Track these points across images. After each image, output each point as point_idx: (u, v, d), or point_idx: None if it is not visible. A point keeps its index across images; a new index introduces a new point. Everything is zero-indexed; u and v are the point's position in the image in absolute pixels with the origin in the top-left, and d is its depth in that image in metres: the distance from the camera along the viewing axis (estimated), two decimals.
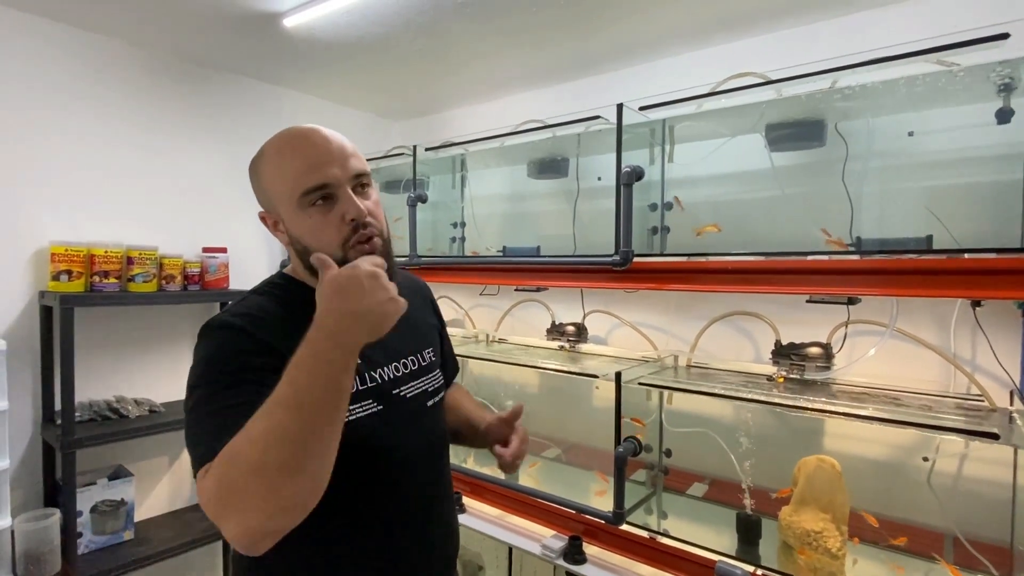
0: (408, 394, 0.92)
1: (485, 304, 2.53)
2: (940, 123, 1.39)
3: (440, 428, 1.02)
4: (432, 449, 0.97)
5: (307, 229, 0.81)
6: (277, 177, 0.82)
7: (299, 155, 0.81)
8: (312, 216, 0.81)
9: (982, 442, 1.16)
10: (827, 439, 1.61)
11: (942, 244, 1.29)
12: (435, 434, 0.99)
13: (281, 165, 0.82)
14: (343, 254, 0.80)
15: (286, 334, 0.74)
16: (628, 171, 1.51)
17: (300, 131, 0.83)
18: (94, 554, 1.83)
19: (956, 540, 1.37)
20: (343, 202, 0.81)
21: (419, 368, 0.97)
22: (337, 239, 0.81)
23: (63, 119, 1.95)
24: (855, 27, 1.72)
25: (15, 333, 1.83)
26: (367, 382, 0.86)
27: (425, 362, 0.99)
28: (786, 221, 1.61)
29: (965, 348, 1.50)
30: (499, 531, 1.73)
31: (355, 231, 0.81)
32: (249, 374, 0.74)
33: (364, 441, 0.83)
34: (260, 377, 0.72)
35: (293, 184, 0.80)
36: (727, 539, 1.50)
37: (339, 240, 0.81)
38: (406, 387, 0.92)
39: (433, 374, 1.01)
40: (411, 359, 0.96)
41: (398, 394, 0.90)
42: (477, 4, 1.72)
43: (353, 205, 0.80)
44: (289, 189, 0.81)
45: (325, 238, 0.81)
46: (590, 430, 2.06)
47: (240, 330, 0.78)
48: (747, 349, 1.83)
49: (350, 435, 0.77)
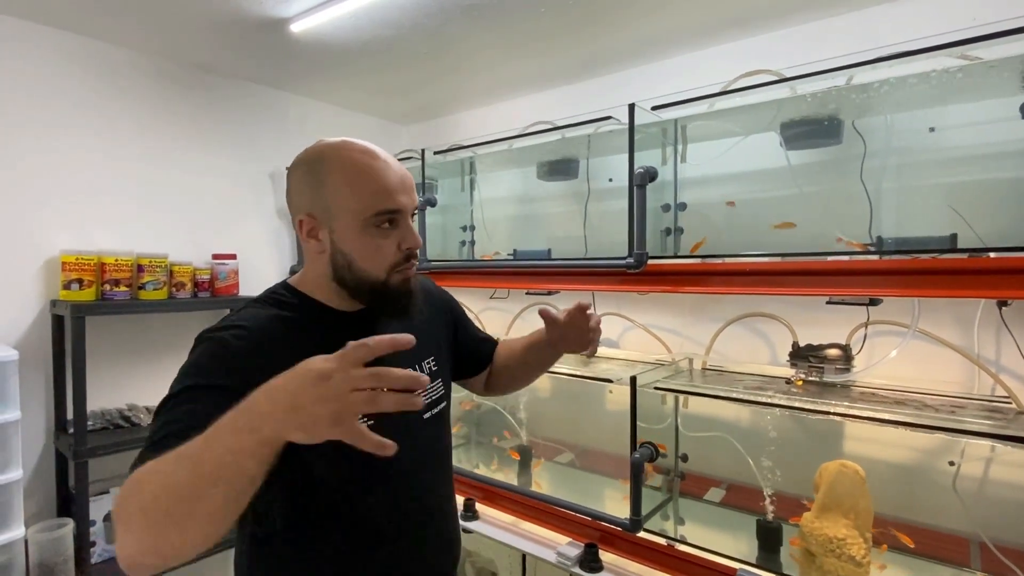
0: None
1: (495, 308, 2.51)
2: (962, 118, 1.36)
3: (439, 440, 1.00)
4: (427, 462, 0.95)
5: (362, 247, 0.84)
6: (349, 191, 0.83)
7: (380, 177, 0.83)
8: (374, 237, 0.84)
9: (1012, 446, 1.13)
10: (848, 443, 1.57)
11: (966, 242, 1.26)
12: (431, 447, 0.98)
13: (356, 181, 0.83)
14: (386, 277, 0.85)
15: (284, 348, 0.74)
16: (641, 172, 1.49)
17: (374, 152, 0.86)
18: (108, 563, 1.83)
19: (983, 546, 1.34)
20: (404, 230, 0.86)
21: None
22: (389, 263, 0.85)
23: (72, 128, 1.95)
24: (869, 22, 1.69)
25: (27, 343, 1.84)
26: None
27: (424, 373, 0.98)
28: (803, 220, 1.58)
29: (989, 348, 1.46)
30: (513, 538, 1.71)
31: (407, 260, 0.87)
32: (215, 394, 0.72)
33: (359, 455, 0.81)
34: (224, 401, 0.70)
35: (368, 202, 0.82)
36: (746, 546, 1.47)
37: (390, 264, 0.85)
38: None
39: (432, 385, 0.99)
40: (408, 370, 0.93)
41: None
42: (485, 6, 1.70)
43: (413, 236, 0.87)
44: (362, 206, 0.82)
45: (379, 259, 0.84)
46: (604, 435, 2.04)
47: (226, 345, 0.77)
48: (763, 351, 1.80)
49: (344, 449, 0.77)
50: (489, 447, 2.27)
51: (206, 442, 0.59)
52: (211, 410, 0.68)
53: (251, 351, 0.77)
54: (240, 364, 0.75)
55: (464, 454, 2.30)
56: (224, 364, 0.76)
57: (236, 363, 0.75)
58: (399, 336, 0.61)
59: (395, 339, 0.60)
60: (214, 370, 0.75)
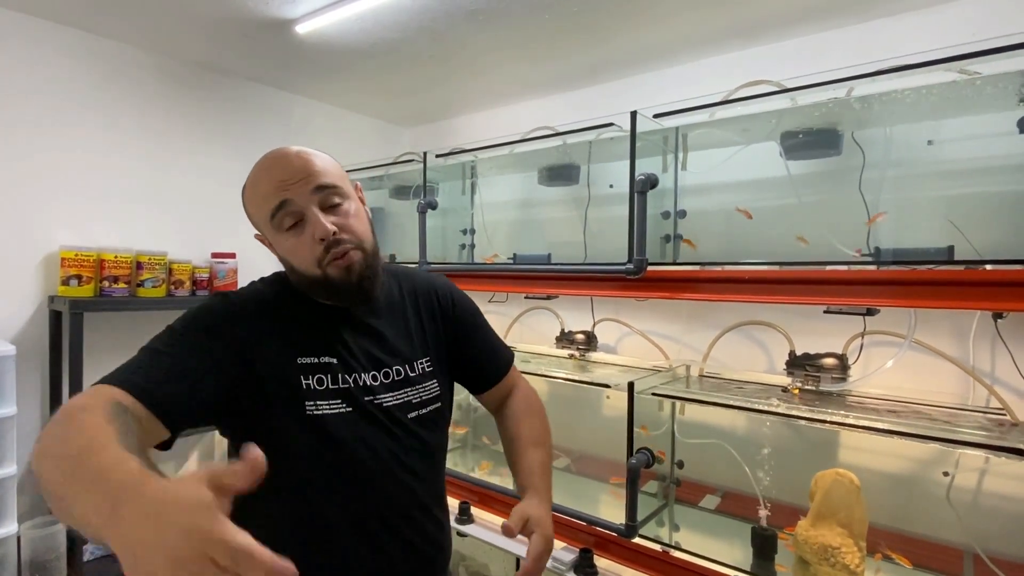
0: (385, 403, 0.90)
1: (494, 311, 2.51)
2: (960, 132, 1.37)
3: (426, 442, 0.95)
4: (408, 464, 0.91)
5: (286, 251, 0.86)
6: (252, 203, 0.87)
7: (265, 180, 0.84)
8: (288, 239, 0.85)
9: (1007, 457, 1.14)
10: (843, 452, 1.58)
11: (963, 254, 1.27)
12: (416, 448, 0.93)
13: (254, 190, 0.86)
14: (321, 272, 0.84)
15: (276, 315, 0.85)
16: (642, 179, 1.50)
17: (270, 156, 0.87)
18: (99, 561, 1.82)
19: (976, 557, 1.34)
20: (311, 223, 0.83)
21: (404, 379, 0.93)
22: (312, 258, 0.84)
23: (73, 124, 1.95)
24: (869, 35, 1.71)
25: (24, 338, 1.83)
26: (338, 383, 0.86)
27: (415, 372, 0.95)
28: (802, 230, 1.59)
29: (984, 360, 1.47)
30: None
31: (328, 249, 0.83)
32: (201, 337, 0.79)
33: (328, 438, 0.83)
34: (207, 347, 0.78)
35: (263, 209, 0.84)
36: (741, 553, 1.47)
37: (313, 259, 0.84)
38: (383, 396, 0.90)
39: (424, 385, 0.96)
40: (396, 369, 0.93)
41: (371, 401, 0.88)
42: (489, 11, 1.71)
43: (319, 225, 0.82)
44: (261, 214, 0.85)
45: (302, 257, 0.84)
46: (599, 440, 2.04)
47: (231, 304, 0.84)
48: (760, 359, 1.81)
49: (316, 428, 0.82)
50: (484, 448, 2.27)
51: (95, 475, 0.52)
52: (207, 347, 0.78)
53: (250, 309, 0.84)
54: (240, 319, 0.82)
55: (459, 457, 2.30)
56: (223, 314, 0.82)
57: (234, 318, 0.82)
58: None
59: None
60: (217, 317, 0.82)
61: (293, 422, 0.81)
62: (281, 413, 0.81)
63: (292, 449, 0.82)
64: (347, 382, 0.86)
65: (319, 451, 0.82)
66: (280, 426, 0.81)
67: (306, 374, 0.84)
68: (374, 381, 0.90)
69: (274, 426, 0.81)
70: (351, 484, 0.85)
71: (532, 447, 1.01)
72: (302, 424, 0.82)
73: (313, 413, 0.82)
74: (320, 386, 0.84)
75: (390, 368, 0.92)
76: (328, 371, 0.85)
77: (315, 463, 0.83)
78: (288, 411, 0.81)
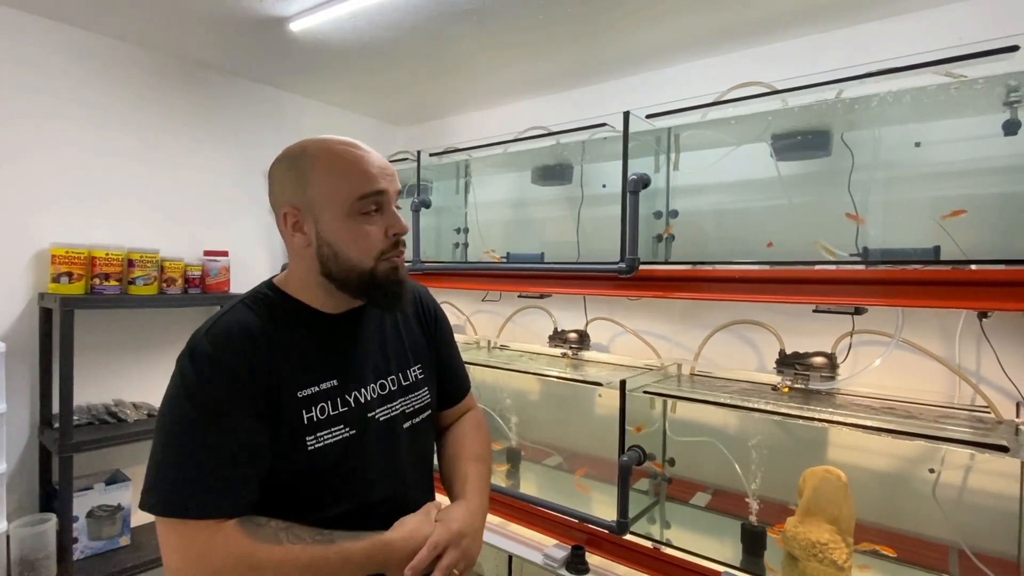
0: (381, 417, 0.90)
1: (487, 310, 2.52)
2: (947, 134, 1.40)
3: (421, 451, 0.97)
4: (405, 474, 0.93)
5: (349, 234, 0.83)
6: (333, 178, 0.83)
7: (361, 163, 0.84)
8: (359, 223, 0.83)
9: (990, 454, 1.16)
10: (831, 450, 1.60)
11: (949, 255, 1.29)
12: (412, 458, 0.95)
13: (340, 168, 0.84)
14: (374, 264, 0.85)
15: (270, 348, 0.80)
16: (635, 178, 1.51)
17: (352, 142, 0.87)
18: (90, 560, 1.81)
19: (962, 553, 1.36)
20: (389, 216, 0.86)
21: (399, 388, 0.94)
22: (376, 249, 0.85)
23: (65, 120, 1.94)
24: (860, 39, 1.73)
25: (14, 335, 1.82)
26: (339, 407, 0.85)
27: (408, 381, 0.96)
28: (791, 230, 1.61)
29: (970, 359, 1.50)
30: (500, 540, 1.71)
31: (395, 246, 0.87)
32: (222, 419, 0.75)
33: (334, 467, 0.83)
34: (231, 423, 0.75)
35: (352, 187, 0.83)
36: (731, 549, 1.49)
37: (378, 251, 0.85)
38: (379, 410, 0.91)
39: (417, 393, 0.98)
40: (391, 379, 0.94)
41: (371, 418, 0.89)
42: (484, 11, 1.72)
43: (399, 221, 0.87)
44: (346, 192, 0.82)
45: (366, 245, 0.84)
46: (592, 438, 2.05)
47: (222, 367, 0.77)
48: (751, 358, 1.82)
49: (319, 461, 0.81)
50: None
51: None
52: (231, 422, 0.76)
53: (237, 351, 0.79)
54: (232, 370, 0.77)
55: None
56: (217, 376, 0.77)
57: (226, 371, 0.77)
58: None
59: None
60: (215, 385, 0.76)
61: (294, 456, 0.80)
62: (282, 451, 0.80)
63: (292, 479, 0.81)
64: (347, 404, 0.86)
65: (319, 479, 0.82)
66: (283, 458, 0.80)
67: (307, 407, 0.82)
68: (373, 395, 0.90)
69: (275, 460, 0.80)
70: (351, 499, 0.85)
71: (473, 462, 1.02)
72: (302, 459, 0.81)
73: (314, 447, 0.81)
74: (322, 415, 0.83)
75: (386, 379, 0.93)
76: (328, 397, 0.84)
77: (314, 490, 0.83)
78: (288, 448, 0.80)
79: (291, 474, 0.80)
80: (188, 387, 0.76)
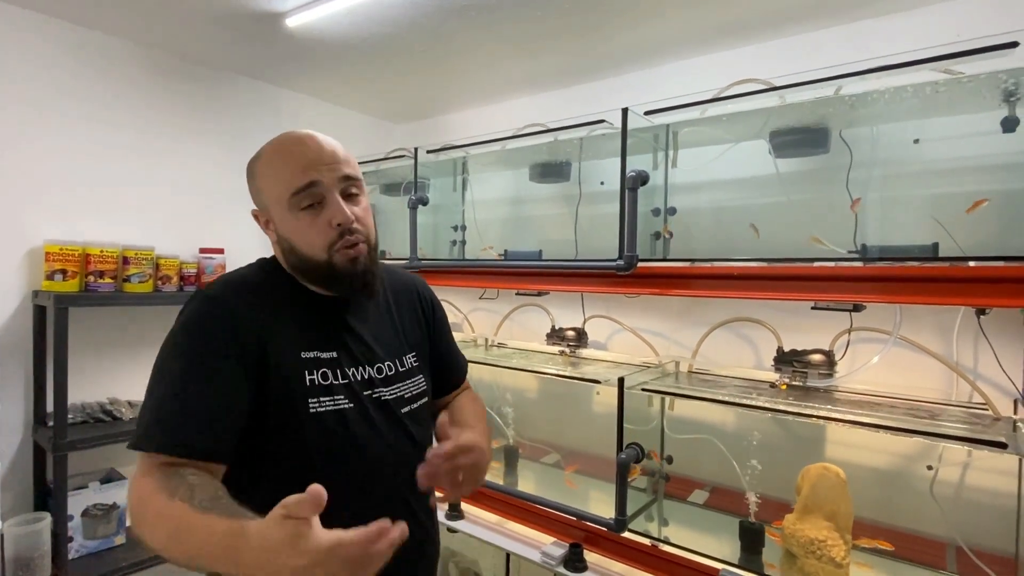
0: (383, 397, 0.91)
1: (484, 308, 2.51)
2: (945, 131, 1.39)
3: (419, 436, 0.97)
4: (404, 457, 0.91)
5: (295, 231, 0.85)
6: (271, 178, 0.86)
7: (292, 158, 0.85)
8: (301, 219, 0.84)
9: (988, 451, 1.16)
10: (829, 447, 1.60)
11: (947, 251, 1.29)
12: (411, 442, 0.94)
13: (275, 166, 0.86)
14: (328, 257, 0.85)
15: (275, 306, 0.85)
16: (633, 175, 1.50)
17: (296, 135, 0.87)
18: (85, 559, 1.80)
19: (959, 550, 1.37)
20: (330, 207, 0.84)
21: (396, 374, 0.95)
22: (323, 242, 0.84)
23: (59, 116, 1.92)
24: (859, 35, 1.73)
25: (7, 333, 1.80)
26: (340, 378, 0.86)
27: (404, 367, 0.97)
28: (790, 227, 1.61)
29: (967, 356, 1.50)
30: (497, 537, 1.71)
31: (341, 236, 0.85)
32: (213, 361, 0.78)
33: (330, 434, 0.83)
34: (224, 372, 0.77)
35: (285, 185, 0.84)
36: (729, 547, 1.49)
37: (325, 243, 0.85)
38: (381, 390, 0.91)
39: (413, 380, 0.98)
40: (388, 364, 0.94)
41: (371, 396, 0.89)
42: (480, 7, 1.71)
43: (340, 210, 0.84)
44: (281, 190, 0.84)
45: (312, 241, 0.85)
46: (590, 436, 2.05)
47: (224, 307, 0.81)
48: (749, 356, 1.82)
49: (316, 426, 0.81)
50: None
51: (199, 546, 0.64)
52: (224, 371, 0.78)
53: (242, 299, 0.83)
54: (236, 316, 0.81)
55: None
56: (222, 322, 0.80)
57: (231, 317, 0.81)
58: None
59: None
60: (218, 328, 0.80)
61: (294, 421, 0.81)
62: (283, 411, 0.80)
63: (290, 448, 0.81)
64: (347, 377, 0.87)
65: (318, 448, 0.82)
66: (281, 424, 0.80)
67: (310, 369, 0.83)
68: (376, 374, 0.91)
69: (273, 424, 0.80)
70: (350, 479, 0.85)
71: (472, 416, 1.05)
72: (303, 423, 0.81)
73: (316, 411, 0.82)
74: (324, 381, 0.84)
75: (383, 364, 0.93)
76: (330, 366, 0.85)
77: (314, 460, 0.82)
78: (290, 409, 0.81)
79: (292, 436, 0.80)
80: (186, 321, 0.81)
